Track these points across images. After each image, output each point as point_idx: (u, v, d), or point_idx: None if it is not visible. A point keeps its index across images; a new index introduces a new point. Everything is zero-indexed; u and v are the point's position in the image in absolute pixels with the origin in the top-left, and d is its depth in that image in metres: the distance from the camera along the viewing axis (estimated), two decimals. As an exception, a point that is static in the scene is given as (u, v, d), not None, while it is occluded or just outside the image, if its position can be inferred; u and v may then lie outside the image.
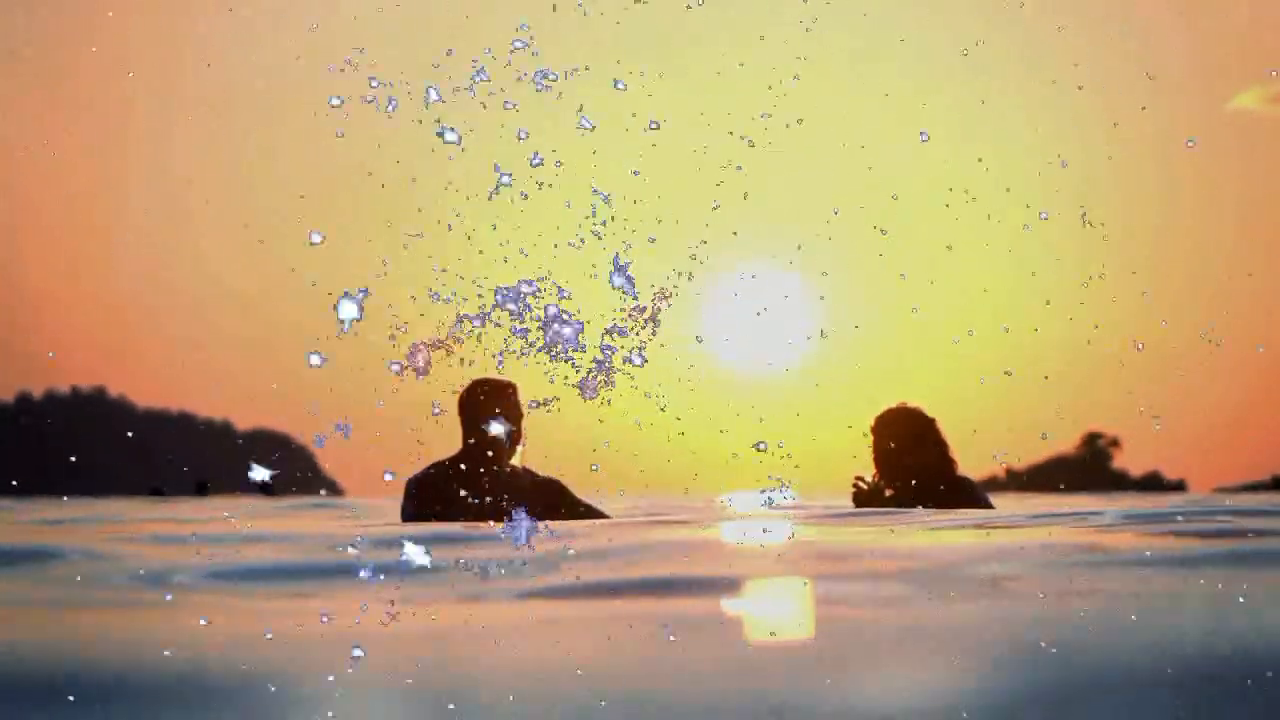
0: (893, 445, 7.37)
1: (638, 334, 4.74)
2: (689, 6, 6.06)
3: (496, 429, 6.72)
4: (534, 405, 5.38)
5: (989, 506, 7.39)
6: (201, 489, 37.18)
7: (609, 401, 4.71)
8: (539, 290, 4.71)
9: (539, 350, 4.74)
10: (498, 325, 4.73)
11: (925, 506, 7.16)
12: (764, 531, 5.15)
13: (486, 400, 6.85)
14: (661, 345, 6.13)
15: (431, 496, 6.83)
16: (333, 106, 5.81)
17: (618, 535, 4.87)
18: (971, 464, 7.51)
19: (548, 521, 6.47)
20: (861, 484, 7.37)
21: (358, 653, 2.35)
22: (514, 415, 6.87)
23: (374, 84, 5.68)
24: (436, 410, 5.95)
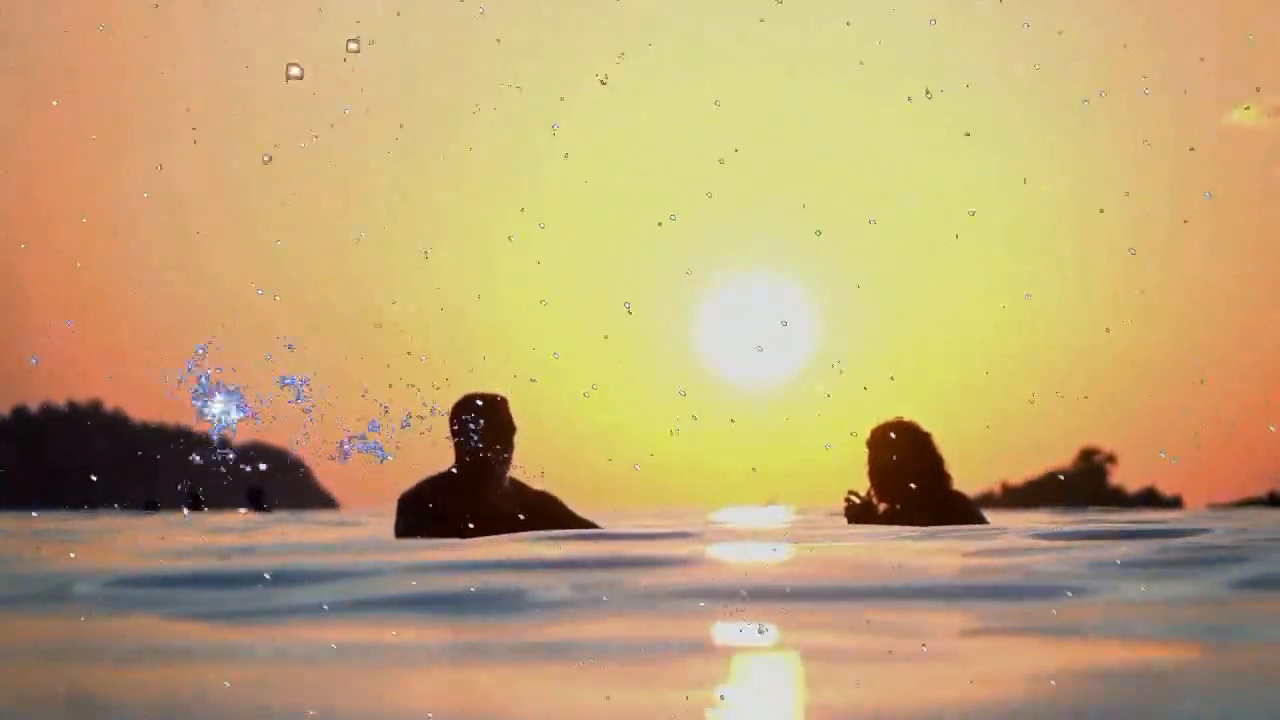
0: (887, 460, 7.34)
1: None
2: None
3: None
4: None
5: (983, 522, 7.36)
6: (194, 502, 37.12)
7: None
8: None
9: None
10: None
11: (919, 522, 7.12)
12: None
13: (477, 415, 6.82)
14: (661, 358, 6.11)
15: (424, 512, 6.80)
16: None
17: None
18: (967, 479, 7.49)
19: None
20: (854, 498, 7.34)
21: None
22: (505, 430, 6.84)
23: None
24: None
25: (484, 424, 6.80)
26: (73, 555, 5.61)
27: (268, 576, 3.87)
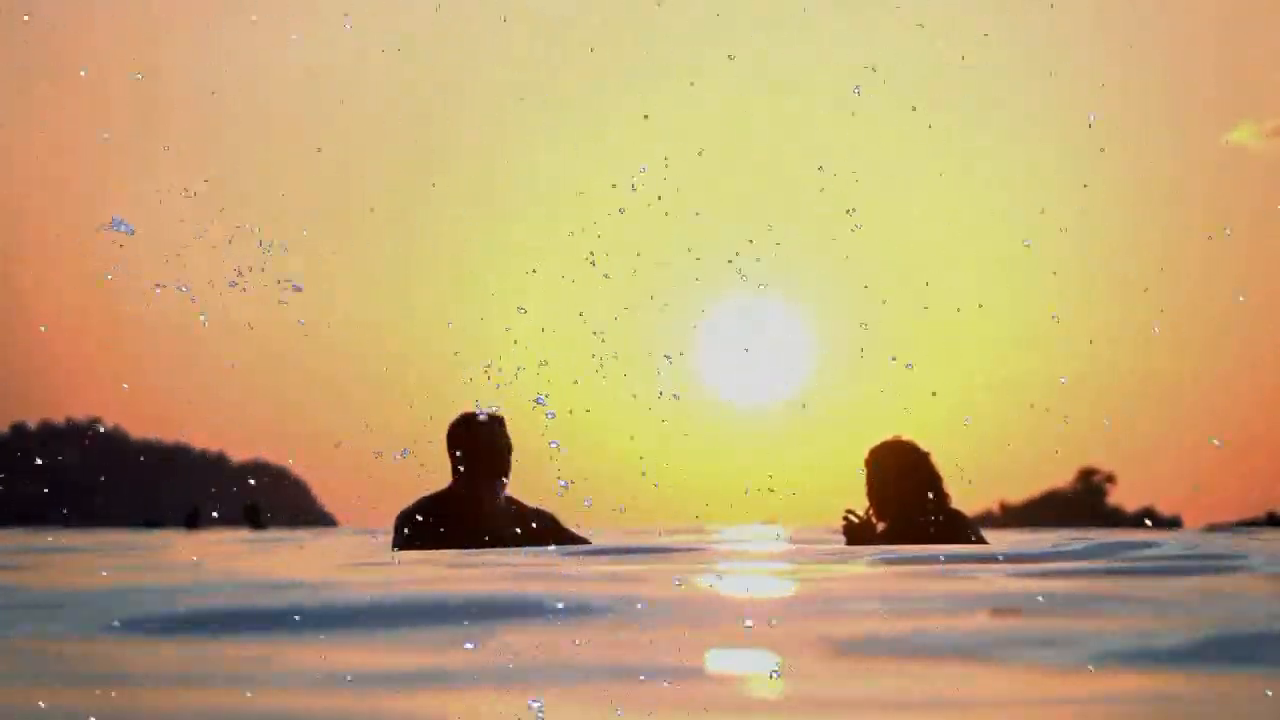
0: (886, 479, 7.35)
1: None
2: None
3: None
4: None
5: (982, 541, 7.36)
6: (192, 520, 37.08)
7: None
8: None
9: None
10: None
11: (917, 541, 7.13)
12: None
13: (474, 434, 6.85)
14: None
15: (420, 530, 6.82)
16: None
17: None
18: (966, 499, 7.49)
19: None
20: (852, 517, 7.34)
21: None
22: (502, 448, 6.88)
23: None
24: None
25: (481, 442, 6.85)
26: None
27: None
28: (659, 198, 6.13)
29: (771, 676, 2.65)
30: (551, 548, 6.75)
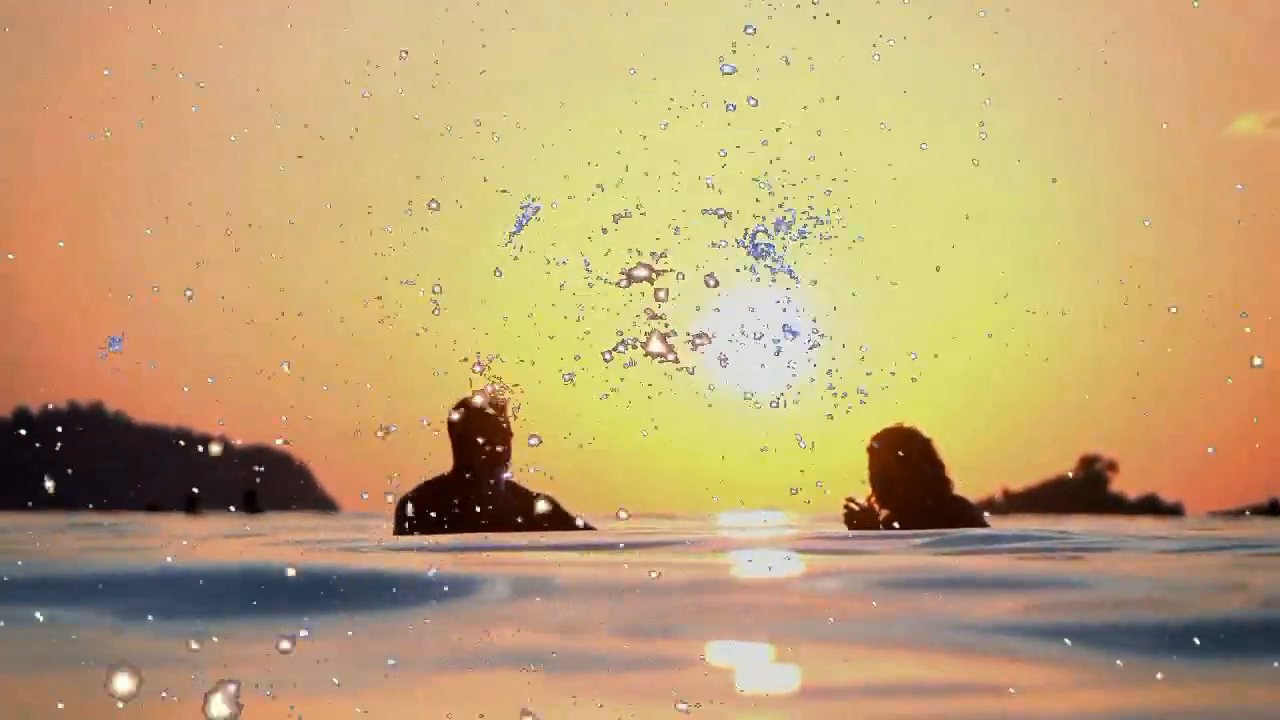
0: (888, 465, 7.31)
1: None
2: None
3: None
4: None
5: (985, 527, 7.33)
6: (191, 505, 37.12)
7: None
8: None
9: None
10: None
11: (920, 527, 7.09)
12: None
13: (475, 419, 6.83)
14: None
15: (420, 515, 6.81)
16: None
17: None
18: (969, 486, 7.46)
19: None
20: (853, 505, 7.30)
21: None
22: (503, 435, 6.86)
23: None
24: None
25: (482, 427, 6.83)
26: None
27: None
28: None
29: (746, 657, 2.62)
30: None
